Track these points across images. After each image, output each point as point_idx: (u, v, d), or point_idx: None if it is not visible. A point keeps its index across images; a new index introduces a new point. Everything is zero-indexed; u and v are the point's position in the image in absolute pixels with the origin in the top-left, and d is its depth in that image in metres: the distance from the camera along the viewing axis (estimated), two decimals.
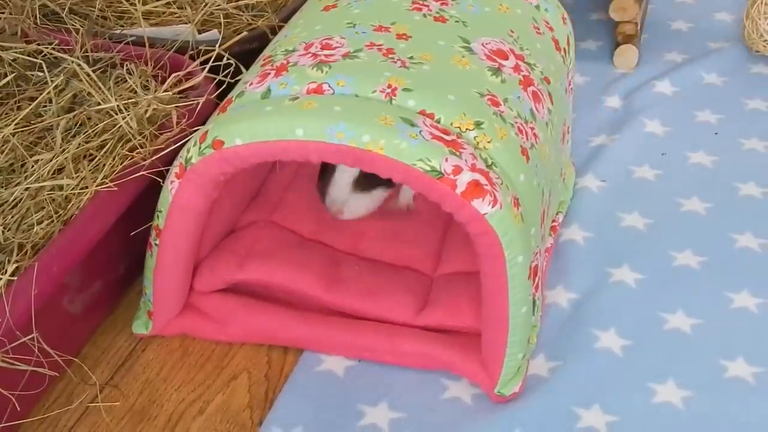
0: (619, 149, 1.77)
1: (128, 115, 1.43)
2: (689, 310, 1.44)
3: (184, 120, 1.43)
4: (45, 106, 1.50)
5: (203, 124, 1.33)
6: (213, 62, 1.51)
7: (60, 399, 1.34)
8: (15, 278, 1.22)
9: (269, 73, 1.30)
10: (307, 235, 1.52)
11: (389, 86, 1.24)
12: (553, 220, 1.54)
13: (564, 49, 1.50)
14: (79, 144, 1.43)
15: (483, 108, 1.25)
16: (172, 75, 1.52)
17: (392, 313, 1.39)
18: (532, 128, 1.30)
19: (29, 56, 1.56)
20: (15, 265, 1.25)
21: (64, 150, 1.42)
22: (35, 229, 1.31)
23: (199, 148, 1.25)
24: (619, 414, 1.29)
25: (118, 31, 1.73)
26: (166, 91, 1.49)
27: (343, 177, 1.39)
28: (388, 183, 1.40)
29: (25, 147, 1.43)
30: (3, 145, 1.43)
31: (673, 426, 1.27)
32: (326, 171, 1.42)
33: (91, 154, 1.43)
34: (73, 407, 1.32)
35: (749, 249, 1.55)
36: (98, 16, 1.80)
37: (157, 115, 1.46)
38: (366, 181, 1.39)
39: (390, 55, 1.29)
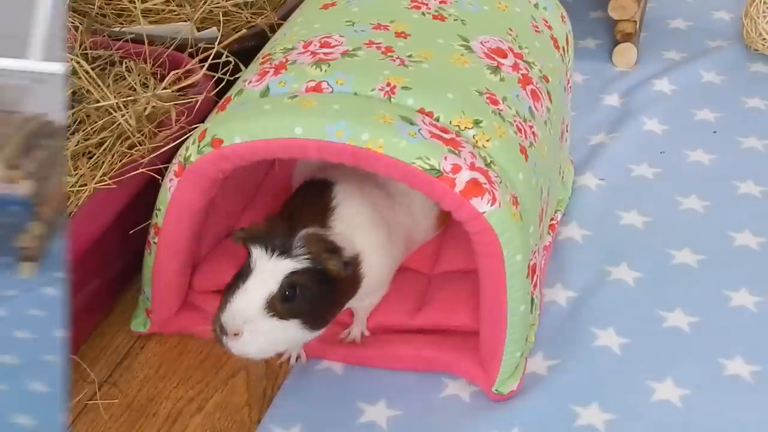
0: (618, 148, 1.77)
1: (127, 112, 1.43)
2: (688, 308, 1.44)
3: (183, 118, 1.43)
4: None
5: (202, 122, 1.32)
6: (212, 60, 1.51)
7: None
8: None
9: (268, 72, 1.30)
10: None
11: (388, 84, 1.24)
12: (552, 219, 1.54)
13: (563, 47, 1.50)
14: (78, 141, 1.43)
15: (482, 106, 1.25)
16: (171, 73, 1.52)
17: (389, 317, 1.39)
18: (531, 127, 1.30)
19: None
20: None
21: None
22: None
23: (198, 147, 1.25)
24: (618, 412, 1.29)
25: (117, 29, 1.74)
26: (165, 88, 1.49)
27: (257, 289, 1.15)
28: (310, 322, 1.19)
29: None
30: None
31: (671, 424, 1.27)
32: (236, 280, 1.18)
33: (90, 152, 1.43)
34: (71, 405, 1.32)
35: (748, 247, 1.55)
36: (97, 13, 1.80)
37: (156, 113, 1.46)
38: (283, 306, 1.16)
39: (389, 54, 1.29)
